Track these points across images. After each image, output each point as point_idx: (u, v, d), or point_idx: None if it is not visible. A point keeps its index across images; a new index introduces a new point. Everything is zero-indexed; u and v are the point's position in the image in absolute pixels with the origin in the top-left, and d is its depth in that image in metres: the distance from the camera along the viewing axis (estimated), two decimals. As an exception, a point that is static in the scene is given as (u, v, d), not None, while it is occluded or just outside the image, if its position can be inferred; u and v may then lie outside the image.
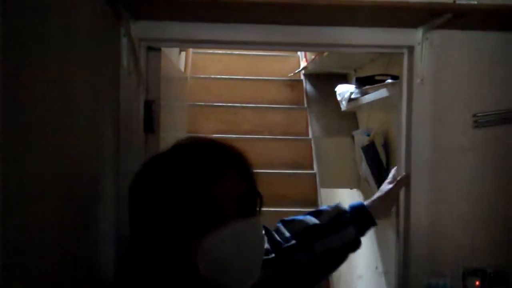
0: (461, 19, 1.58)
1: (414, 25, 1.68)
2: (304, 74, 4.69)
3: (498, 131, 1.75)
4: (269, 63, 4.80)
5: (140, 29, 1.64)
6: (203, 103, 4.22)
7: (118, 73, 1.62)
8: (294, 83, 4.72)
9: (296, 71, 4.65)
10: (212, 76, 4.56)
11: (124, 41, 1.61)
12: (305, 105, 4.54)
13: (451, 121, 1.74)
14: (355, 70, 3.92)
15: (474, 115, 1.74)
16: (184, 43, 1.71)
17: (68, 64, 1.17)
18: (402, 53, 1.77)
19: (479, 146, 1.75)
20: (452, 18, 1.55)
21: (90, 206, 1.40)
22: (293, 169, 3.91)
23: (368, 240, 2.94)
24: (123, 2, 1.49)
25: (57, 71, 1.11)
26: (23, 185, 0.93)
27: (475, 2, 1.55)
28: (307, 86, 4.66)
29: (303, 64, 4.48)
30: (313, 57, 3.93)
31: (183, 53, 4.04)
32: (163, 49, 1.81)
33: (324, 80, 4.43)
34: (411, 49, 1.73)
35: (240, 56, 4.84)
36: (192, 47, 3.79)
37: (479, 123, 1.74)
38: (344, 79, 4.13)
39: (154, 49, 1.76)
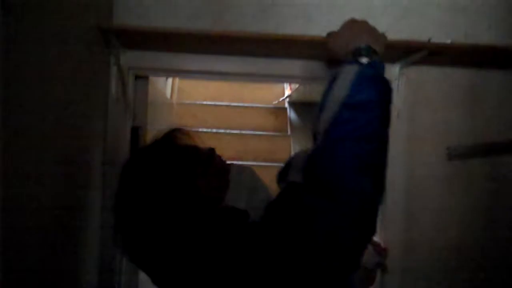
0: (436, 56, 1.66)
1: (391, 60, 1.75)
2: (289, 102, 4.76)
3: (471, 164, 1.83)
4: (254, 90, 4.87)
5: (129, 58, 1.70)
6: (187, 128, 4.25)
7: (106, 99, 1.67)
8: (279, 111, 4.78)
9: (281, 99, 4.72)
10: (198, 102, 4.61)
11: (114, 69, 1.67)
12: (289, 132, 4.60)
13: (425, 153, 1.81)
14: (338, 100, 3.99)
15: (448, 148, 1.82)
16: (171, 73, 1.77)
17: (57, 90, 1.22)
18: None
19: (452, 177, 1.82)
20: (427, 55, 1.63)
21: (74, 234, 1.44)
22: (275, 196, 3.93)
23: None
24: (114, 32, 1.56)
25: (46, 95, 1.15)
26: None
27: (449, 41, 1.63)
28: (291, 114, 4.73)
29: (287, 92, 4.55)
30: (297, 85, 4.00)
31: (170, 78, 4.09)
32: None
33: (308, 109, 4.50)
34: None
35: (226, 82, 4.89)
36: (179, 77, 3.83)
37: (452, 155, 1.81)
38: (327, 108, 4.20)
39: (141, 77, 1.81)
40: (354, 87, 0.98)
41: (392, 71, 1.78)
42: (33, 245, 1.11)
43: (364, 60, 1.03)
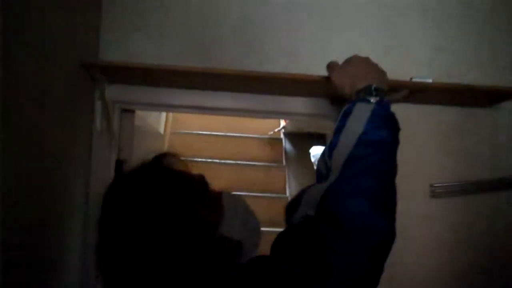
0: (418, 94, 1.67)
1: (374, 98, 1.76)
2: (284, 133, 4.79)
3: (455, 202, 1.82)
4: (250, 120, 4.89)
5: (115, 92, 1.71)
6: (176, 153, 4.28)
7: (91, 133, 1.68)
8: (274, 141, 4.79)
9: (276, 130, 4.75)
10: (193, 132, 4.62)
11: (98, 103, 1.68)
12: (284, 163, 4.61)
13: (409, 190, 1.80)
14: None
15: (432, 185, 1.82)
16: (157, 107, 1.79)
17: (41, 124, 1.23)
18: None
19: (436, 215, 1.82)
20: (409, 93, 1.64)
21: (56, 260, 1.44)
22: (269, 227, 3.92)
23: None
24: (98, 67, 1.58)
25: (30, 128, 1.16)
26: None
27: (430, 81, 1.64)
28: (286, 144, 4.75)
29: (283, 123, 4.58)
30: (291, 117, 4.03)
31: (165, 108, 4.11)
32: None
33: (303, 139, 4.53)
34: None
35: (221, 113, 4.91)
36: (165, 111, 3.76)
37: (436, 193, 1.81)
38: (322, 139, 4.23)
39: (128, 110, 1.82)
40: (369, 125, 1.00)
41: (376, 108, 1.79)
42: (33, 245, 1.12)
43: (373, 99, 1.05)
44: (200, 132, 4.64)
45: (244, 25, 1.80)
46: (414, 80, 1.65)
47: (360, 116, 1.02)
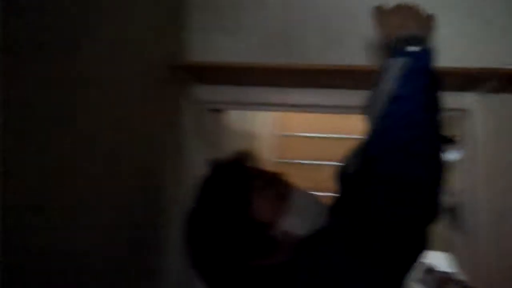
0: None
1: (468, 88, 1.69)
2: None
3: None
4: (355, 120, 4.80)
5: (203, 92, 1.78)
6: (287, 160, 4.37)
7: (181, 134, 1.75)
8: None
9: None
10: (297, 134, 4.67)
11: (186, 104, 1.75)
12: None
13: (510, 183, 1.70)
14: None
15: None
16: (244, 106, 1.82)
17: (128, 126, 1.31)
18: (459, 116, 1.76)
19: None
20: (505, 83, 1.55)
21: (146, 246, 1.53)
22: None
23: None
24: (185, 69, 1.64)
25: (108, 127, 1.23)
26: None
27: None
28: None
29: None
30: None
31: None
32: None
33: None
34: (467, 112, 1.73)
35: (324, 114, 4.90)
36: (252, 110, 3.85)
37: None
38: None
39: (216, 110, 1.88)
40: (398, 81, 1.03)
41: (471, 99, 1.72)
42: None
43: (411, 48, 1.07)
44: (304, 134, 4.66)
45: (325, 20, 1.79)
46: (507, 67, 1.55)
47: (391, 74, 1.06)
